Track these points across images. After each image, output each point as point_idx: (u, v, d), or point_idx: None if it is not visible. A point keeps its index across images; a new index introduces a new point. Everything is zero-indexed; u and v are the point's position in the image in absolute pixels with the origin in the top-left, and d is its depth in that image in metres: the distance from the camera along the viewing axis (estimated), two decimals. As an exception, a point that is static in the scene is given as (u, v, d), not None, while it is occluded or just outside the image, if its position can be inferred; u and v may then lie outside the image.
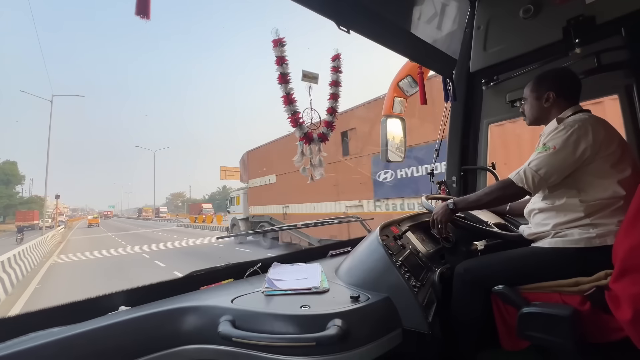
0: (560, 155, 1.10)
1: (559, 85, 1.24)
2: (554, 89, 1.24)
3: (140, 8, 0.77)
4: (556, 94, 1.24)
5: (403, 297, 0.98)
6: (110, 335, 0.80)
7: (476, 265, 1.23)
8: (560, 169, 1.10)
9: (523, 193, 1.15)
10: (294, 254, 1.54)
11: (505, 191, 1.20)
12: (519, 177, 1.14)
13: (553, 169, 1.10)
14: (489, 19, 1.88)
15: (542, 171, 1.11)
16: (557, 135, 1.13)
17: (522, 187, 1.13)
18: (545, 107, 1.26)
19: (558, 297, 1.05)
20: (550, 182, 1.12)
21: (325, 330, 0.79)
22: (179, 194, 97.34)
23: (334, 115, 1.75)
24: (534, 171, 1.12)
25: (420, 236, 1.52)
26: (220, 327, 0.82)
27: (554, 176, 1.11)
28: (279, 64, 1.49)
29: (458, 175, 2.08)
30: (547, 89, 1.25)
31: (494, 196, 1.22)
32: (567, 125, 1.13)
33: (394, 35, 1.52)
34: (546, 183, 1.12)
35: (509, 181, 1.18)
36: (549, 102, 1.25)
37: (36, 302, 6.04)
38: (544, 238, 1.17)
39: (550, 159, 1.11)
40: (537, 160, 1.13)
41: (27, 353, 0.71)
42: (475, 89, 2.02)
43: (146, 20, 0.80)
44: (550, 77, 1.28)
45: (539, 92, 1.27)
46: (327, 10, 1.18)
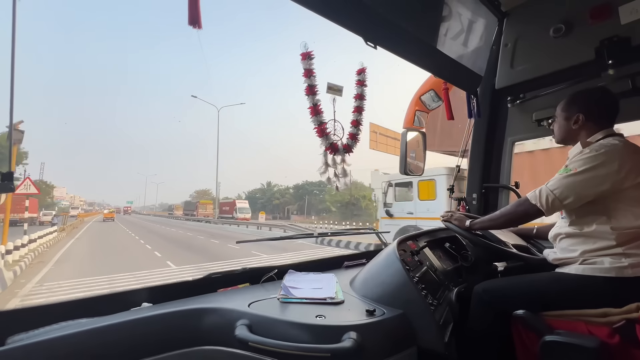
0: (579, 177, 1.08)
1: (590, 108, 1.21)
2: (584, 112, 1.21)
3: (192, 18, 0.83)
4: (586, 117, 1.20)
5: (419, 315, 0.96)
6: (135, 330, 0.83)
7: (496, 286, 1.19)
8: (577, 192, 1.08)
9: (536, 212, 1.13)
10: (309, 262, 1.54)
11: (517, 208, 1.20)
12: (534, 195, 1.13)
13: (569, 190, 1.08)
14: (517, 37, 1.86)
15: (557, 191, 1.09)
16: (580, 158, 1.10)
17: (535, 204, 1.12)
18: (574, 128, 1.24)
19: (584, 327, 1.00)
20: (566, 204, 1.09)
21: (341, 343, 0.79)
22: (205, 191, 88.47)
23: (359, 127, 1.77)
24: (549, 190, 1.10)
25: (437, 253, 1.49)
26: (237, 331, 0.84)
27: (569, 198, 1.08)
28: (306, 76, 1.54)
29: (479, 193, 2.04)
30: (577, 111, 1.22)
31: (506, 212, 1.22)
32: (593, 149, 1.10)
33: (420, 51, 1.54)
34: (561, 204, 1.10)
35: (524, 199, 1.18)
36: (578, 124, 1.22)
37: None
38: (571, 264, 1.12)
39: (567, 181, 1.09)
40: (554, 181, 1.12)
41: (60, 340, 0.75)
42: (500, 106, 1.99)
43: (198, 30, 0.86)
44: (582, 98, 1.25)
45: (569, 112, 1.25)
46: (355, 26, 1.21)
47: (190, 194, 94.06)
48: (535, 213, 1.14)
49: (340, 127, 1.69)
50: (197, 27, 0.84)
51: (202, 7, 0.85)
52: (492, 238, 1.41)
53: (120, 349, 0.79)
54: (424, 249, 1.38)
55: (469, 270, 1.41)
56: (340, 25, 1.16)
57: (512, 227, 1.67)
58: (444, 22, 1.62)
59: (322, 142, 1.63)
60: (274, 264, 1.37)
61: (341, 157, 1.72)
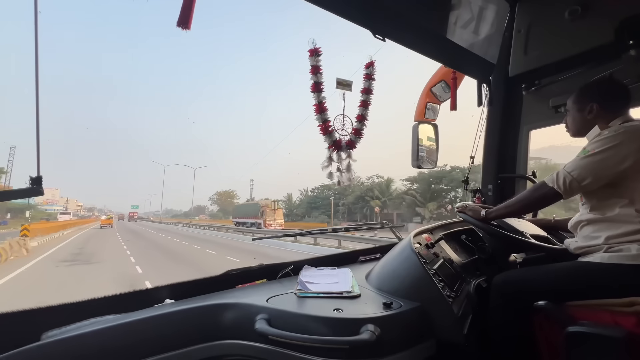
0: (596, 157, 1.05)
1: (603, 96, 1.19)
2: (598, 100, 1.19)
3: (182, 20, 0.85)
4: (600, 105, 1.18)
5: (437, 307, 0.96)
6: (159, 325, 0.87)
7: (517, 277, 1.17)
8: (595, 172, 1.05)
9: (554, 195, 1.11)
10: (324, 258, 1.55)
11: (534, 193, 1.18)
12: (551, 178, 1.12)
13: (587, 171, 1.06)
14: (531, 22, 1.80)
15: (575, 172, 1.07)
16: (599, 139, 1.09)
17: (552, 187, 1.10)
18: (588, 119, 1.21)
19: (609, 317, 0.97)
20: (584, 185, 1.07)
21: (359, 335, 0.79)
22: (228, 192, 77.73)
23: (363, 122, 1.76)
24: (566, 172, 1.09)
25: (453, 246, 1.48)
26: (257, 325, 0.86)
27: (588, 179, 1.06)
28: (313, 73, 1.54)
29: (495, 184, 1.99)
30: (590, 100, 1.20)
31: (522, 198, 1.20)
32: (611, 130, 1.09)
33: (430, 42, 1.52)
34: (579, 185, 1.07)
35: (541, 183, 1.16)
36: (592, 114, 1.20)
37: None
38: (595, 252, 1.09)
39: (585, 162, 1.07)
40: (572, 163, 1.10)
41: (91, 335, 0.79)
42: (515, 94, 1.94)
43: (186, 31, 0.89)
44: (593, 87, 1.24)
45: (582, 103, 1.23)
46: (363, 20, 1.21)
47: (210, 196, 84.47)
48: (553, 196, 1.11)
49: (350, 122, 1.69)
50: (185, 28, 0.86)
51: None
52: (509, 228, 1.37)
53: (146, 342, 0.83)
54: (440, 242, 1.37)
55: (487, 262, 1.39)
56: (348, 19, 1.16)
57: (530, 215, 1.63)
58: (453, 11, 1.59)
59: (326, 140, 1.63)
60: (290, 260, 1.39)
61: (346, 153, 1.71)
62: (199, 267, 9.77)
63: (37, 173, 0.76)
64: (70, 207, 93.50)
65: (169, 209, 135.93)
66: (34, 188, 0.77)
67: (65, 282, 7.37)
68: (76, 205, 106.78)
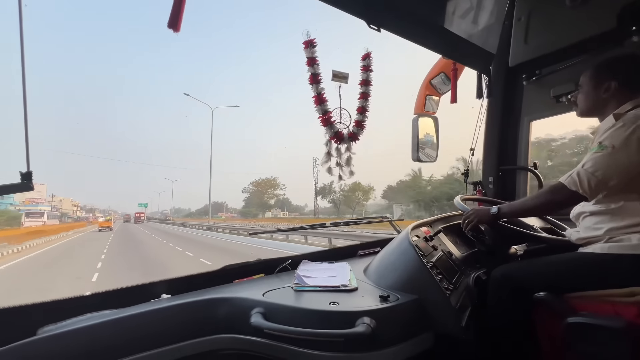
0: (619, 155, 0.98)
1: (625, 74, 1.10)
2: (618, 78, 1.10)
3: (171, 21, 0.84)
4: (619, 83, 1.10)
5: (434, 300, 0.95)
6: (155, 320, 0.87)
7: (516, 270, 1.16)
8: (620, 170, 0.98)
9: (577, 198, 1.03)
10: (323, 252, 1.55)
11: (554, 196, 1.08)
12: (572, 180, 1.02)
13: (612, 170, 0.98)
14: (531, 10, 1.77)
15: (599, 173, 0.98)
16: (615, 132, 1.00)
17: (576, 191, 1.01)
18: (603, 97, 1.13)
19: (610, 307, 0.96)
20: (611, 185, 0.99)
21: (354, 328, 0.79)
22: (269, 181, 61.30)
23: (364, 114, 1.74)
24: (590, 173, 0.99)
25: (453, 238, 1.46)
26: (252, 319, 0.86)
27: (614, 179, 0.98)
28: (310, 64, 1.52)
29: (495, 176, 1.97)
30: (609, 77, 1.11)
31: (542, 201, 1.11)
32: (628, 121, 1.00)
33: (427, 32, 1.49)
34: (606, 186, 1.00)
35: (559, 185, 1.06)
36: (609, 92, 1.11)
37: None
38: (595, 243, 1.07)
39: (608, 160, 0.99)
40: (592, 161, 1.01)
41: (87, 330, 0.80)
42: (515, 84, 1.91)
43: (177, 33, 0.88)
44: (616, 63, 1.14)
45: (599, 79, 1.14)
46: (356, 9, 1.19)
47: (245, 187, 67.47)
48: (576, 199, 1.04)
49: (347, 115, 1.67)
50: (176, 30, 0.86)
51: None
52: (513, 221, 1.36)
53: (142, 337, 0.83)
54: (439, 235, 1.36)
55: (487, 254, 1.38)
56: (341, 9, 1.14)
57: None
58: (451, 0, 1.56)
59: (327, 131, 1.61)
60: (288, 255, 1.39)
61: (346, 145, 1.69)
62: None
63: (27, 168, 0.76)
64: (65, 207, 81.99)
65: (178, 207, 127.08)
66: (24, 183, 0.76)
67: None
68: (72, 205, 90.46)
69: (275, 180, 63.00)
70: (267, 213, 62.66)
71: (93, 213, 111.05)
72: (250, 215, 63.72)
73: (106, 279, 7.71)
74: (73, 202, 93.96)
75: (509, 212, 1.20)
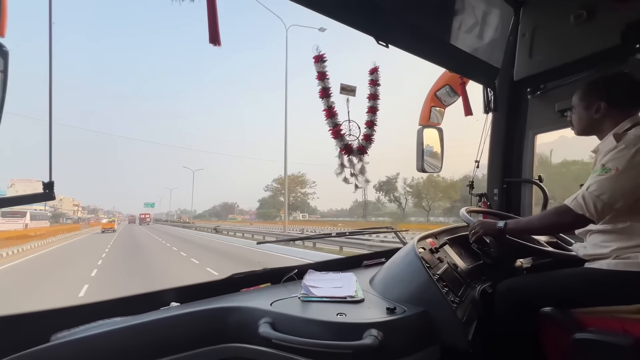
0: (623, 177, 0.98)
1: (611, 94, 1.12)
2: (606, 99, 1.12)
3: (212, 37, 0.88)
4: (608, 104, 1.12)
5: (441, 312, 0.95)
6: (165, 328, 0.88)
7: (522, 283, 1.16)
8: (625, 193, 0.98)
9: (583, 221, 1.04)
10: (329, 262, 1.56)
11: (560, 219, 1.08)
12: (577, 203, 1.02)
13: (617, 193, 0.98)
14: (535, 26, 1.80)
15: (604, 196, 0.99)
16: (618, 154, 1.01)
17: (583, 214, 1.02)
18: (595, 118, 1.15)
19: (618, 324, 0.96)
20: (616, 207, 1.00)
21: (362, 340, 0.80)
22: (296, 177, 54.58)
23: (373, 128, 1.77)
24: (595, 196, 1.00)
25: (458, 250, 1.47)
26: (260, 329, 0.86)
27: (620, 201, 0.99)
28: (320, 79, 1.56)
29: (500, 188, 1.98)
30: (597, 99, 1.14)
31: (548, 222, 1.12)
32: (629, 143, 1.01)
33: (434, 48, 1.53)
34: (611, 209, 1.00)
35: (565, 208, 1.06)
36: (599, 113, 1.13)
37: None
38: (602, 260, 1.07)
39: (612, 183, 0.99)
40: (597, 184, 1.01)
41: (99, 337, 0.81)
42: (520, 98, 1.93)
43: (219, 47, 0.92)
44: (601, 84, 1.16)
45: (588, 101, 1.16)
46: (366, 26, 1.22)
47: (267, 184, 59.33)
48: (583, 222, 1.05)
49: (356, 127, 1.70)
50: (217, 44, 0.89)
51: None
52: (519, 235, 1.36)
53: (152, 345, 0.84)
54: (444, 247, 1.36)
55: (492, 267, 1.38)
56: (351, 26, 1.18)
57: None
58: (457, 16, 1.60)
59: (337, 144, 1.64)
60: (294, 264, 1.40)
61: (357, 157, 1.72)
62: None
63: (49, 178, 0.79)
64: (65, 207, 76.87)
65: (182, 209, 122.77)
66: (46, 193, 0.79)
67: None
68: (72, 205, 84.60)
69: (302, 177, 54.51)
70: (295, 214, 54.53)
71: (96, 214, 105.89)
72: (271, 217, 56.60)
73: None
74: (74, 201, 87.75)
75: (515, 228, 1.21)
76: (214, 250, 14.32)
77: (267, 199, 61.64)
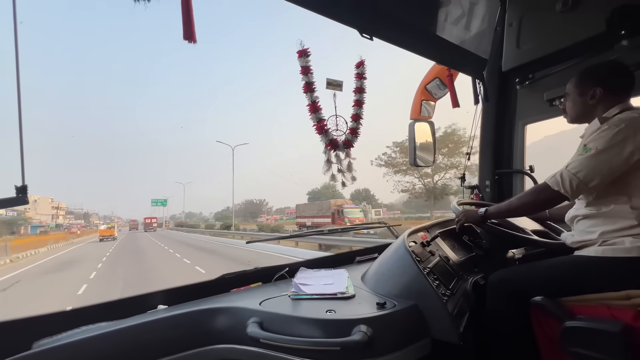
0: (602, 156, 1.01)
1: (608, 80, 1.14)
2: (602, 85, 1.13)
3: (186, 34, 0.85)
4: (604, 89, 1.13)
5: (431, 306, 0.95)
6: (151, 332, 0.86)
7: (512, 275, 1.16)
8: (602, 172, 1.01)
9: (559, 198, 1.07)
10: (321, 259, 1.55)
11: (538, 195, 1.13)
12: (555, 180, 1.06)
13: (594, 171, 1.01)
14: (522, 15, 1.80)
15: (581, 174, 1.02)
16: (599, 135, 1.03)
17: (558, 190, 1.05)
18: (590, 104, 1.16)
19: (606, 310, 0.96)
20: (592, 186, 1.03)
21: (350, 336, 0.79)
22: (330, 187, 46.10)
23: (359, 122, 1.76)
24: (572, 174, 1.03)
25: (451, 243, 1.47)
26: (248, 329, 0.85)
27: (595, 180, 1.02)
28: (304, 73, 1.55)
29: (492, 180, 1.98)
30: (593, 85, 1.15)
31: (526, 201, 1.15)
32: (612, 124, 1.03)
33: (420, 40, 1.51)
34: (586, 187, 1.03)
35: (543, 185, 1.10)
36: (595, 99, 1.15)
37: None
38: (590, 246, 1.08)
39: (590, 161, 1.02)
40: (576, 162, 1.04)
41: (83, 343, 0.79)
42: (509, 88, 1.93)
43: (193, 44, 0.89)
44: (598, 71, 1.18)
45: (584, 87, 1.17)
46: (349, 19, 1.21)
47: (310, 190, 52.13)
48: (558, 198, 1.08)
49: (343, 122, 1.69)
50: (191, 41, 0.87)
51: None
52: (508, 225, 1.37)
53: (138, 349, 0.83)
54: (436, 240, 1.36)
55: (484, 259, 1.38)
56: (333, 19, 1.16)
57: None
58: (442, 7, 1.58)
59: (322, 139, 1.63)
60: (286, 262, 1.39)
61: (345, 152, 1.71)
62: None
63: (22, 182, 0.77)
64: (41, 211, 61.04)
65: (189, 212, 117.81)
66: (19, 197, 0.77)
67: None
68: (51, 207, 66.15)
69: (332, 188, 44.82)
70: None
71: (87, 219, 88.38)
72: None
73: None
74: (54, 203, 68.69)
75: (495, 212, 1.24)
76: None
77: (319, 190, 50.23)
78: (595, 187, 1.03)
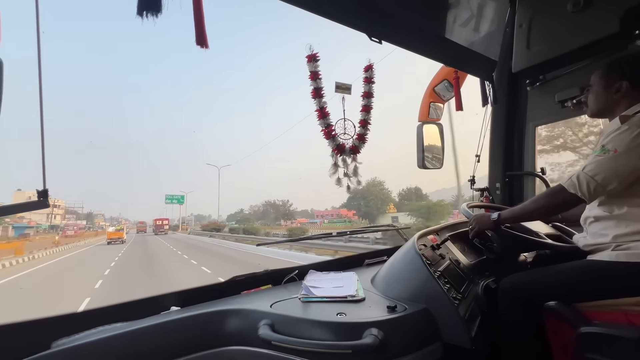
0: (622, 159, 0.97)
1: (637, 74, 1.08)
2: (629, 78, 1.08)
3: (198, 39, 0.87)
4: (631, 83, 1.07)
5: (443, 310, 0.94)
6: (165, 333, 0.88)
7: (524, 280, 1.14)
8: (621, 175, 0.97)
9: (576, 201, 1.03)
10: (330, 262, 1.55)
11: (554, 199, 1.09)
12: (572, 183, 1.03)
13: (612, 174, 0.97)
14: (532, 16, 1.78)
15: (599, 177, 0.98)
16: (619, 136, 0.99)
17: (575, 193, 1.02)
18: (615, 98, 1.11)
19: (623, 316, 0.94)
20: (610, 189, 0.99)
21: (362, 339, 0.79)
22: (376, 184, 45.18)
23: (366, 127, 1.77)
24: (589, 177, 0.99)
25: (461, 246, 1.45)
26: (260, 331, 0.86)
27: (613, 183, 0.98)
28: (312, 79, 1.56)
29: (502, 182, 1.96)
30: (620, 77, 1.09)
31: (542, 204, 1.11)
32: (633, 124, 0.99)
33: (429, 42, 1.51)
34: (604, 190, 1.00)
35: (559, 187, 1.06)
36: (620, 93, 1.09)
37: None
38: (603, 250, 1.06)
39: (609, 163, 0.98)
40: (593, 164, 1.00)
41: (100, 343, 0.81)
42: (519, 90, 1.91)
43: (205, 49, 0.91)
44: (625, 62, 1.12)
45: (610, 80, 1.11)
46: (358, 23, 1.21)
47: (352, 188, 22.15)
48: (575, 201, 1.04)
49: (352, 126, 1.70)
50: (204, 46, 0.89)
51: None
52: (519, 228, 1.35)
53: (152, 350, 0.84)
54: (446, 243, 1.35)
55: (495, 262, 1.36)
56: (342, 24, 1.17)
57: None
58: (451, 10, 1.58)
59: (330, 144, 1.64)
60: (295, 265, 1.39)
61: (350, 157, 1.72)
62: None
63: (43, 186, 0.79)
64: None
65: (197, 214, 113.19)
66: (41, 201, 0.79)
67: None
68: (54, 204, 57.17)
69: (380, 183, 44.02)
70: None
71: (91, 220, 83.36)
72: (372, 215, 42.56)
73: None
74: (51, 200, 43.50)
75: (509, 217, 1.19)
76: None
77: (365, 188, 45.18)
78: (613, 190, 0.99)
